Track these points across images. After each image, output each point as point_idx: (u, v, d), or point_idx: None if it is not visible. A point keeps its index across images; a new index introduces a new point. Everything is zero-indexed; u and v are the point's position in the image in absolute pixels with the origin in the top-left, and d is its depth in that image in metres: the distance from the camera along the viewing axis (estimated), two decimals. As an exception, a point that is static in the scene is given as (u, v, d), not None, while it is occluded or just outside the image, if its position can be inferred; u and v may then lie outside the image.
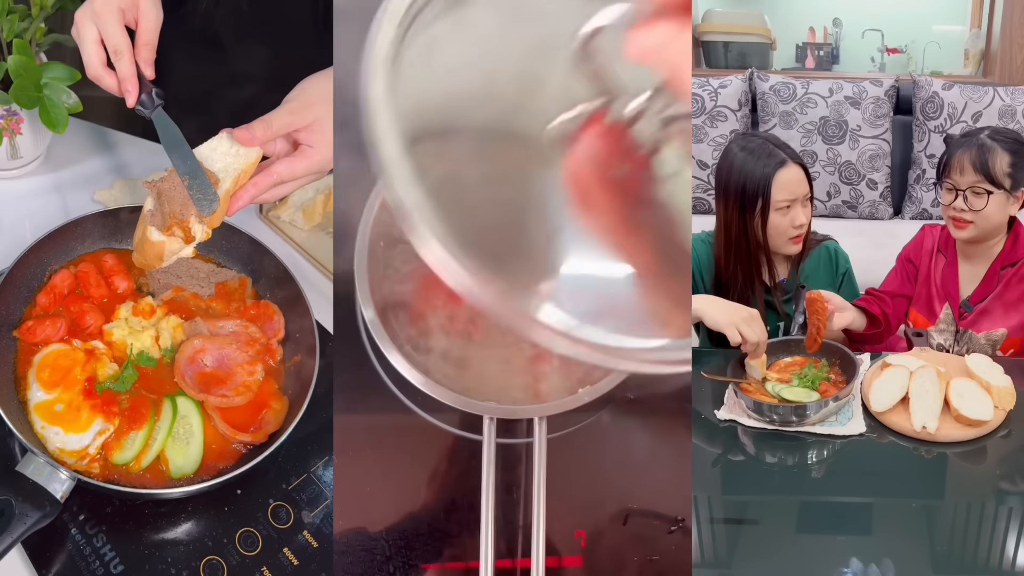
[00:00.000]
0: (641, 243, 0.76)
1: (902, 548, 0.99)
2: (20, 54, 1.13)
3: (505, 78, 0.79)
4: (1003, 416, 1.20)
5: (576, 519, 0.93)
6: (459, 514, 0.92)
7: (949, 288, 1.52)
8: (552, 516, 0.84)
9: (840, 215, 2.58)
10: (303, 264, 1.30)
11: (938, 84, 2.51)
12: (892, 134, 2.54)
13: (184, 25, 1.22)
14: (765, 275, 1.51)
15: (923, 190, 2.54)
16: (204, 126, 1.02)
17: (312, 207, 1.34)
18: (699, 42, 2.91)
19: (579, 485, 0.95)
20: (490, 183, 0.76)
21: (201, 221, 0.96)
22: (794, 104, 2.52)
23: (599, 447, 0.97)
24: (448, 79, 0.79)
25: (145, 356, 1.04)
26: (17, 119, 1.23)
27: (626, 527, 0.93)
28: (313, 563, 0.97)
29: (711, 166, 2.47)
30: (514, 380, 0.97)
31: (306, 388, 1.03)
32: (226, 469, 0.98)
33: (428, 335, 0.98)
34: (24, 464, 0.90)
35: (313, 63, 1.06)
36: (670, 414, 0.98)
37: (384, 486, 0.94)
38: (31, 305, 1.05)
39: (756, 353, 1.26)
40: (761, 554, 1.01)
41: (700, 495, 1.07)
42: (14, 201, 1.28)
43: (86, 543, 0.93)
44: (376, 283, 0.97)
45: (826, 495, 1.13)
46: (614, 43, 0.78)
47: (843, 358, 1.30)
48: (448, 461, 0.96)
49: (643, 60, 0.78)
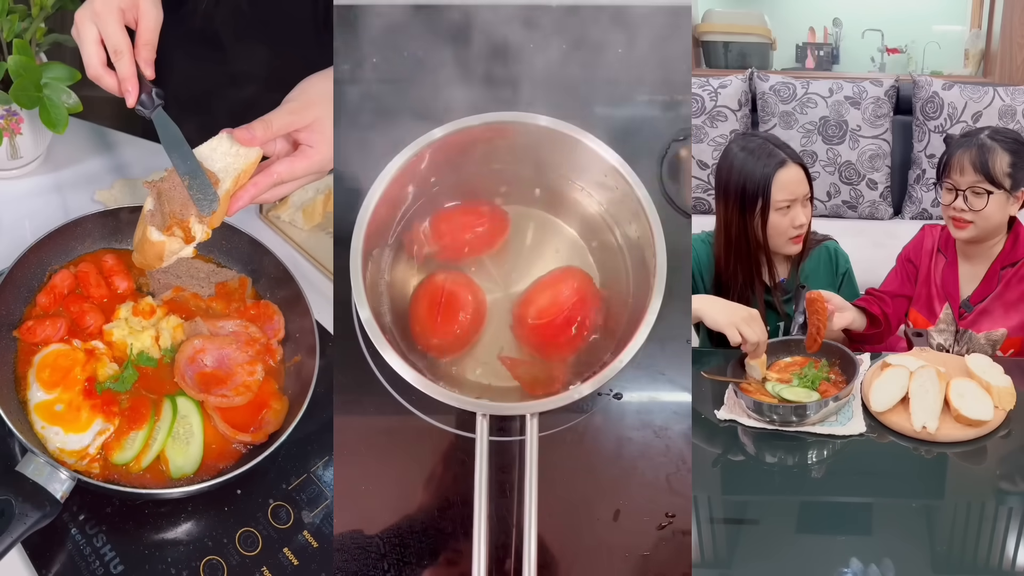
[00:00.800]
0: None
1: (902, 548, 0.99)
2: (20, 54, 1.13)
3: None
4: (1003, 416, 1.20)
5: (568, 516, 0.93)
6: (453, 511, 0.92)
7: (949, 288, 1.52)
8: (544, 513, 0.84)
9: (840, 215, 2.58)
10: (303, 264, 1.30)
11: (938, 84, 2.51)
12: (892, 134, 2.54)
13: (184, 25, 1.22)
14: (765, 275, 1.51)
15: (923, 190, 2.54)
16: (204, 126, 1.02)
17: (312, 207, 1.34)
18: (699, 42, 2.90)
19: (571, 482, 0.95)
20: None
21: (201, 221, 0.96)
22: (794, 104, 2.52)
23: (591, 444, 0.97)
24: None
25: (145, 356, 1.04)
26: (17, 119, 1.23)
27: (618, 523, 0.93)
28: (313, 563, 0.97)
29: (711, 166, 2.47)
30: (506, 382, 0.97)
31: (306, 388, 1.03)
32: (226, 469, 0.98)
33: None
34: (24, 464, 0.90)
35: (313, 63, 1.06)
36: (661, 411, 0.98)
37: (380, 485, 0.94)
38: (31, 305, 1.05)
39: (756, 353, 1.26)
40: (761, 554, 1.01)
41: (700, 495, 1.07)
42: (14, 201, 1.28)
43: (86, 543, 0.93)
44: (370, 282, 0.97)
45: (826, 495, 1.13)
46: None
47: (843, 358, 1.30)
48: (443, 461, 0.96)
49: None
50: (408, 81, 1.11)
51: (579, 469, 0.96)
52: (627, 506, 0.94)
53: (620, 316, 0.98)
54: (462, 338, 0.98)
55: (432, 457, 0.96)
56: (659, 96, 1.13)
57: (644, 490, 0.95)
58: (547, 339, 0.97)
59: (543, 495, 0.85)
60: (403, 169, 0.98)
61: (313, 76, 1.04)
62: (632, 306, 0.97)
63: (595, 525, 0.93)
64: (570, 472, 0.96)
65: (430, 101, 1.08)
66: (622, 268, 1.02)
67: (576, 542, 0.93)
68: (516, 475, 0.93)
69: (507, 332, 1.00)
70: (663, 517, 0.94)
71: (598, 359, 0.94)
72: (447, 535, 0.92)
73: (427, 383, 0.89)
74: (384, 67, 1.12)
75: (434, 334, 0.98)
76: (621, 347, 0.91)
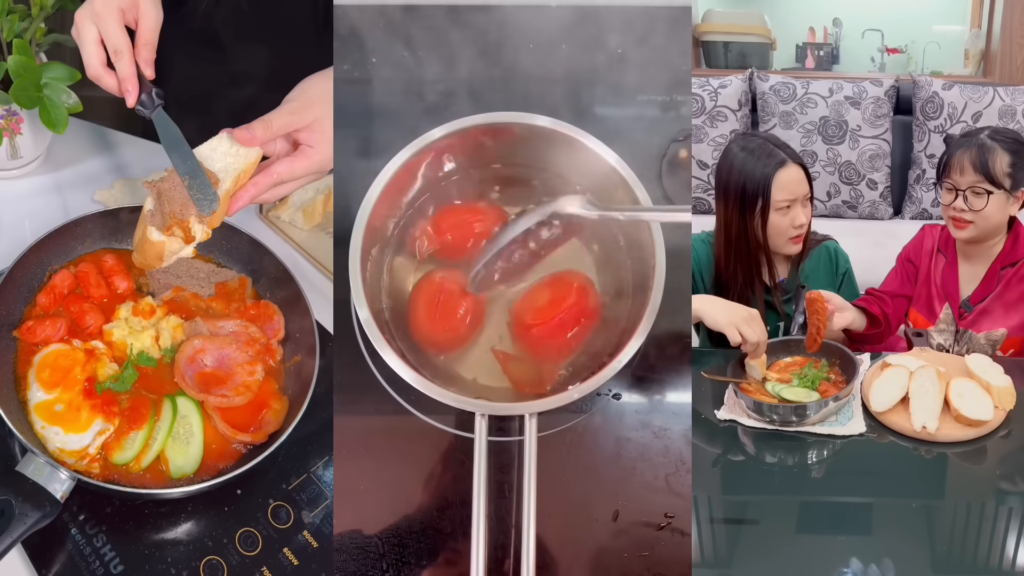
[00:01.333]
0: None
1: (902, 548, 0.99)
2: (20, 54, 1.13)
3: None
4: (1003, 416, 1.20)
5: (567, 516, 0.93)
6: (452, 512, 0.92)
7: (949, 288, 1.52)
8: (543, 513, 0.84)
9: (840, 215, 2.58)
10: (303, 264, 1.30)
11: (938, 84, 2.51)
12: (892, 134, 2.54)
13: (184, 25, 1.22)
14: (765, 275, 1.51)
15: (923, 190, 2.54)
16: (204, 126, 1.02)
17: (312, 207, 1.34)
18: (699, 42, 2.90)
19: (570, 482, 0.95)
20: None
21: (201, 221, 0.96)
22: (794, 104, 2.52)
23: (590, 445, 0.97)
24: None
25: (145, 356, 1.04)
26: (17, 119, 1.23)
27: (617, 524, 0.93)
28: (313, 563, 0.97)
29: (711, 166, 2.47)
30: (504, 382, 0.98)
31: (306, 388, 1.03)
32: (226, 469, 0.98)
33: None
34: (24, 464, 0.90)
35: (313, 63, 1.06)
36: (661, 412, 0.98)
37: (380, 486, 0.94)
38: (31, 305, 1.05)
39: (756, 353, 1.26)
40: (761, 554, 1.01)
41: (700, 495, 1.07)
42: (14, 201, 1.28)
43: (86, 543, 0.93)
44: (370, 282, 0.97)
45: (826, 495, 1.13)
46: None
47: (843, 358, 1.30)
48: (442, 461, 0.96)
49: None
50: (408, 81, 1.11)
51: (578, 469, 0.96)
52: (626, 507, 0.94)
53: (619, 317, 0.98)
54: (460, 336, 0.98)
55: (431, 457, 0.96)
56: (659, 96, 1.13)
57: (643, 491, 0.95)
58: (544, 340, 0.97)
59: (542, 495, 0.85)
60: (403, 169, 0.98)
61: (313, 76, 1.04)
62: (632, 306, 0.97)
63: (594, 525, 0.93)
64: (569, 472, 0.96)
65: (429, 101, 1.08)
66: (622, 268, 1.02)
67: (575, 542, 0.93)
68: (515, 475, 0.93)
69: (505, 332, 1.00)
70: (662, 518, 0.94)
71: (596, 360, 0.94)
72: (446, 535, 0.92)
73: (426, 383, 0.89)
74: (384, 67, 1.12)
75: (432, 331, 0.98)
76: (620, 347, 0.91)
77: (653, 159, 1.10)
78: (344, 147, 1.03)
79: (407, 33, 1.12)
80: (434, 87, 1.09)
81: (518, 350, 0.99)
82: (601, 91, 1.11)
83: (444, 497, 0.94)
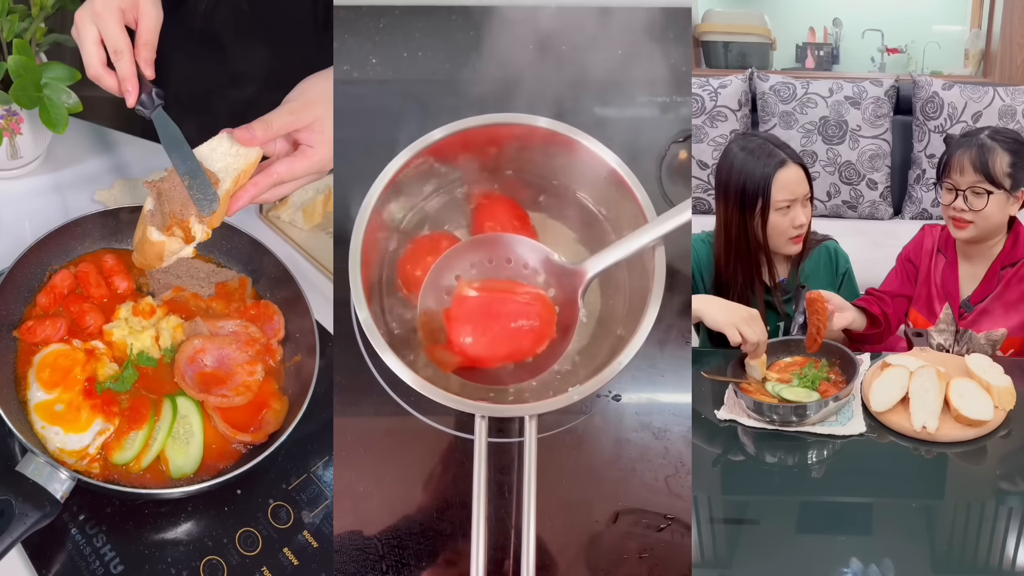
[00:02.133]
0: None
1: (902, 548, 0.99)
2: (20, 54, 1.13)
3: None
4: (1003, 416, 1.20)
5: (567, 517, 0.93)
6: (452, 513, 0.92)
7: (949, 288, 1.52)
8: (543, 514, 0.84)
9: (840, 215, 2.58)
10: (303, 264, 1.30)
11: (938, 84, 2.51)
12: (892, 134, 2.54)
13: (184, 25, 1.22)
14: (765, 275, 1.51)
15: (923, 190, 2.54)
16: (204, 126, 1.02)
17: (312, 207, 1.34)
18: (699, 42, 2.90)
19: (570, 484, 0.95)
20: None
21: (201, 221, 0.96)
22: (794, 104, 2.51)
23: (590, 446, 0.97)
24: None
25: (145, 356, 1.04)
26: (17, 119, 1.23)
27: (616, 525, 0.93)
28: (313, 563, 0.97)
29: (711, 166, 2.47)
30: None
31: (306, 388, 1.03)
32: (226, 469, 0.98)
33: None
34: (24, 464, 0.90)
35: (313, 63, 1.06)
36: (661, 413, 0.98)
37: (379, 486, 0.94)
38: (31, 305, 1.05)
39: (756, 353, 1.26)
40: (761, 554, 1.01)
41: (700, 495, 1.07)
42: (14, 201, 1.28)
43: (86, 543, 0.93)
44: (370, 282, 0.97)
45: (826, 495, 1.13)
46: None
47: (843, 358, 1.30)
48: (442, 462, 0.96)
49: None
50: (408, 81, 1.11)
51: (578, 471, 0.96)
52: (626, 508, 0.94)
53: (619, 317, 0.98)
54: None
55: (431, 458, 0.96)
56: (659, 96, 1.13)
57: (643, 492, 0.95)
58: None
59: (542, 496, 0.85)
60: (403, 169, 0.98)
61: (313, 76, 1.04)
62: (631, 307, 0.97)
63: (594, 527, 0.93)
64: (569, 474, 0.96)
65: (430, 101, 1.08)
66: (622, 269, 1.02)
67: (575, 544, 0.93)
68: (515, 476, 0.93)
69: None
70: (662, 519, 0.94)
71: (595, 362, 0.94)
72: (446, 536, 0.92)
73: (425, 384, 0.88)
74: (384, 67, 1.12)
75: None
76: (620, 348, 0.91)
77: (653, 160, 1.10)
78: (344, 147, 1.03)
79: (407, 33, 1.12)
80: (434, 87, 1.09)
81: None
82: (601, 91, 1.11)
83: (444, 498, 0.94)
